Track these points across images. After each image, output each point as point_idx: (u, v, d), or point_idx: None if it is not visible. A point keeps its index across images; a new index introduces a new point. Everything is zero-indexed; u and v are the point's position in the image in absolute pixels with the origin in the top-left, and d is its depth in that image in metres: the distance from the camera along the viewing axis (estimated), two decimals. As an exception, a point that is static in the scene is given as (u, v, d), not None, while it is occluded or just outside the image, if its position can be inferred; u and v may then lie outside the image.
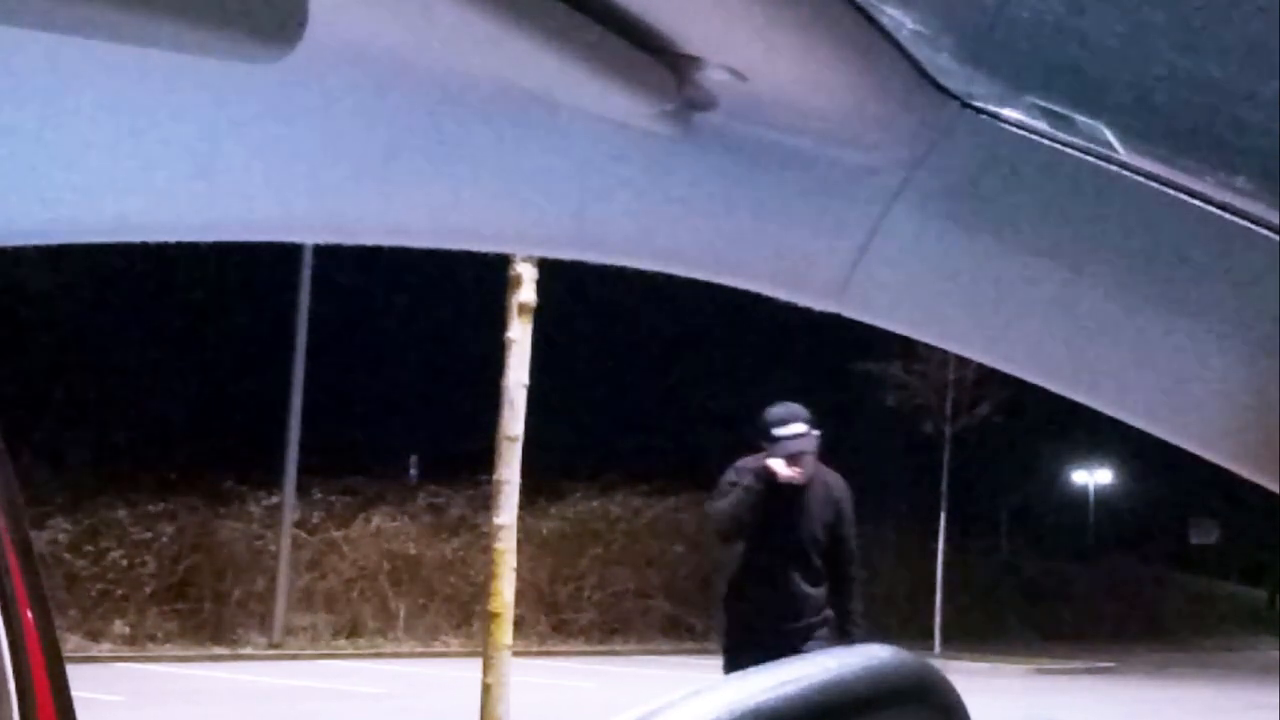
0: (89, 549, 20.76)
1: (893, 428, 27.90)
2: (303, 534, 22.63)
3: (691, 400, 39.86)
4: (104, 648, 19.56)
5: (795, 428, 6.74)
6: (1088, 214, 0.90)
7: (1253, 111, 0.77)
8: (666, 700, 0.68)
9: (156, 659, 19.53)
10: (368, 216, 1.06)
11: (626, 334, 38.25)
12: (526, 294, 7.72)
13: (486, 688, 7.62)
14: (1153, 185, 0.87)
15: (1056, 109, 0.86)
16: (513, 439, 7.74)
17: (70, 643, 17.83)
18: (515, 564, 7.73)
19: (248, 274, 26.40)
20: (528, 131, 0.95)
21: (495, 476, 7.81)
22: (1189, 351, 0.89)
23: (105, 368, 29.56)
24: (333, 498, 23.62)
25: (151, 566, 21.17)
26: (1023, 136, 0.89)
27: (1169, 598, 40.94)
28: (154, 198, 1.07)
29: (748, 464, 6.93)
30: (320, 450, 23.04)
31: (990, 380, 25.22)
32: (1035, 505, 46.04)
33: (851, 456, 7.21)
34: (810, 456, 6.86)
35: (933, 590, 26.30)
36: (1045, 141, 0.88)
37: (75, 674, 1.78)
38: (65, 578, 19.86)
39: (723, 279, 1.02)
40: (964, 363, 24.12)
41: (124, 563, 20.94)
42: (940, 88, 0.88)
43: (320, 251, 17.53)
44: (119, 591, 20.71)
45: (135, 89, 0.94)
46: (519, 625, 11.27)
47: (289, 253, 20.54)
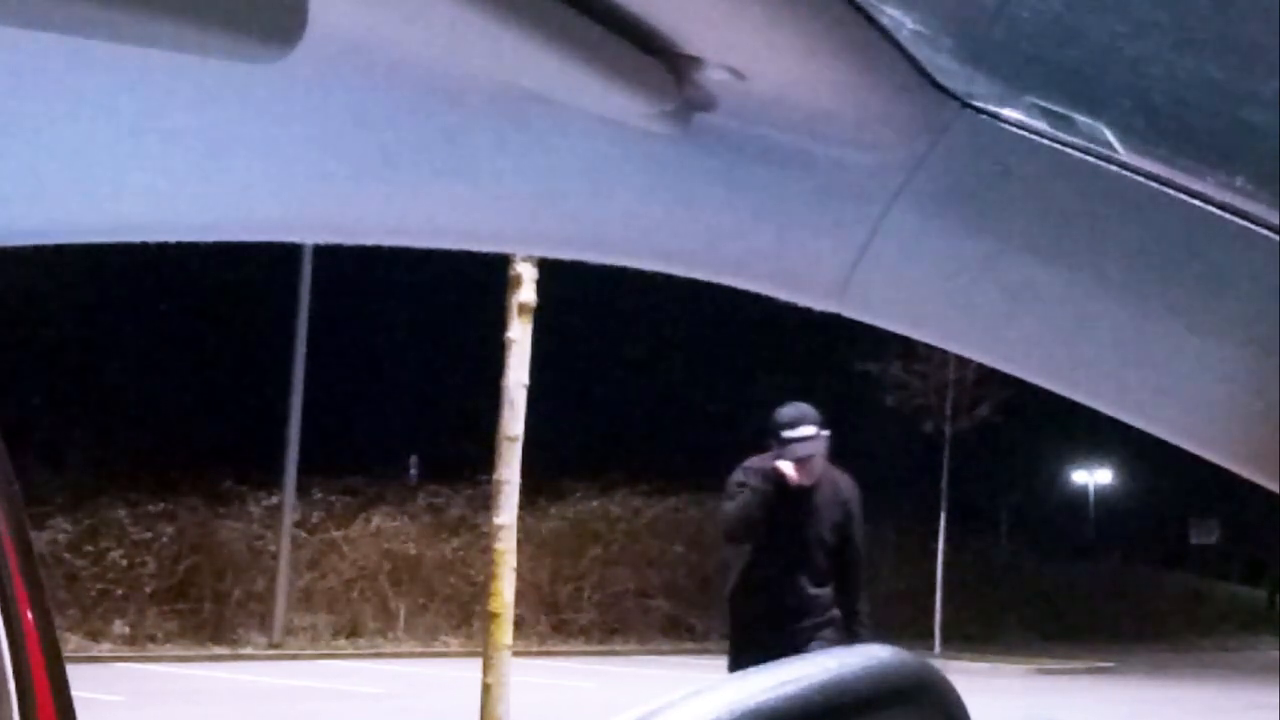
0: (89, 549, 20.76)
1: (893, 428, 27.89)
2: (303, 534, 22.63)
3: (691, 400, 39.88)
4: (104, 648, 19.56)
5: (805, 429, 6.69)
6: (1088, 214, 0.90)
7: (1253, 111, 0.77)
8: (666, 700, 0.68)
9: (156, 659, 19.53)
10: (368, 216, 1.06)
11: (626, 334, 38.26)
12: (526, 294, 7.72)
13: (486, 688, 7.62)
14: (1153, 185, 0.87)
15: (1056, 109, 0.86)
16: (513, 439, 7.74)
17: (70, 643, 17.83)
18: (515, 564, 7.73)
19: (248, 274, 26.39)
20: (528, 131, 0.95)
21: (495, 476, 7.81)
22: (1189, 351, 0.89)
23: (105, 368, 29.59)
24: (333, 498, 23.62)
25: (151, 566, 21.17)
26: (1023, 136, 0.89)
27: (1169, 598, 40.91)
28: (154, 198, 1.07)
29: (755, 464, 6.88)
30: (320, 450, 23.05)
31: (990, 380, 25.21)
32: (1035, 505, 46.04)
33: (851, 456, 7.18)
34: (819, 458, 6.80)
35: (933, 590, 26.29)
36: (1045, 141, 0.88)
37: (75, 674, 1.78)
38: (65, 578, 19.85)
39: (723, 279, 1.02)
40: (964, 363, 24.11)
41: (124, 563, 20.94)
42: (940, 88, 0.88)
43: (320, 251, 17.53)
44: (119, 591, 20.71)
45: (135, 89, 0.94)
46: (519, 625, 11.27)
47: (289, 253, 20.56)
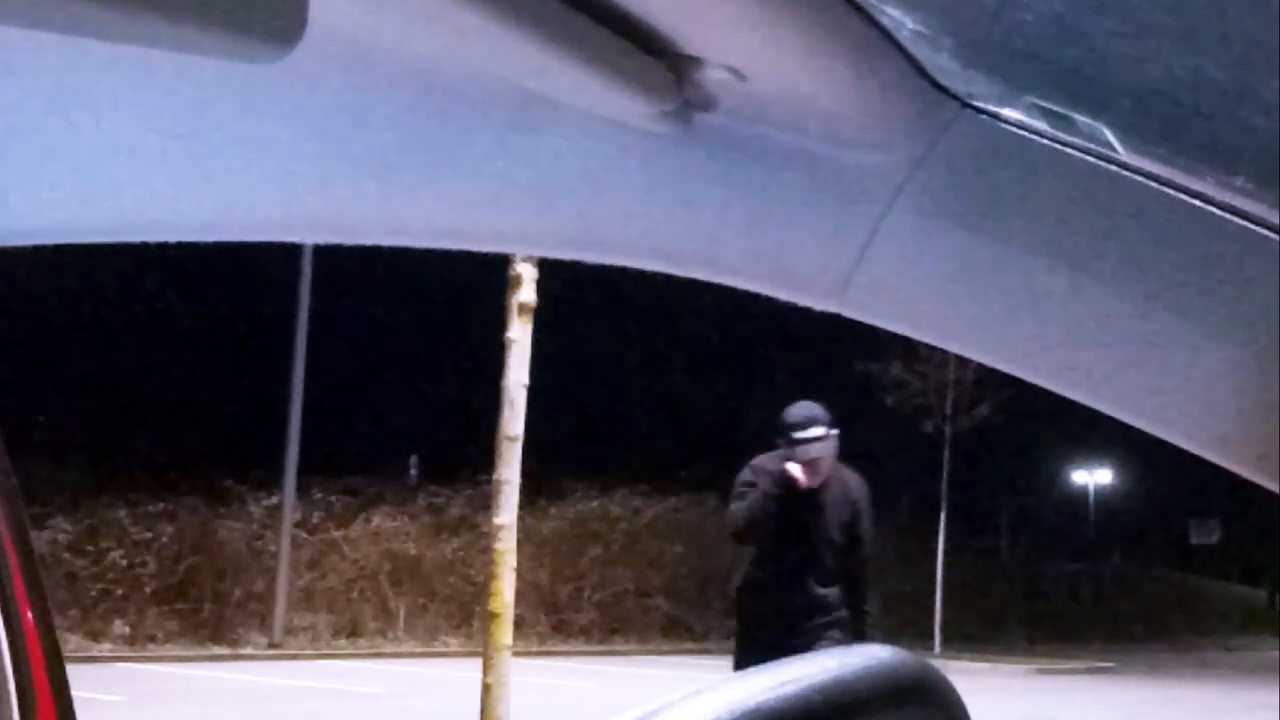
0: (89, 549, 20.77)
1: (893, 428, 27.90)
2: (303, 534, 22.64)
3: (691, 400, 39.88)
4: (104, 648, 19.56)
5: (815, 430, 6.62)
6: (1088, 214, 0.90)
7: (1253, 111, 0.77)
8: (666, 700, 0.68)
9: (156, 659, 19.53)
10: (368, 216, 1.06)
11: (626, 334, 38.26)
12: (526, 294, 7.72)
13: (486, 688, 7.62)
14: (1153, 185, 0.87)
15: (1056, 109, 0.86)
16: (513, 439, 7.74)
17: (70, 643, 17.83)
18: (515, 564, 7.73)
19: (248, 274, 26.39)
20: (528, 131, 0.95)
21: (495, 476, 7.81)
22: (1189, 351, 0.89)
23: (105, 368, 29.58)
24: (333, 498, 23.63)
25: (151, 566, 21.18)
26: (1023, 136, 0.89)
27: (1169, 598, 40.93)
28: (154, 198, 1.07)
29: (763, 463, 6.82)
30: (320, 450, 23.06)
31: (990, 380, 25.23)
32: (1035, 505, 46.03)
33: (851, 456, 7.14)
34: (829, 457, 6.73)
35: (933, 590, 26.31)
36: (1045, 141, 0.88)
37: (75, 674, 1.78)
38: (65, 578, 19.86)
39: (723, 279, 1.02)
40: (964, 363, 24.12)
41: (124, 563, 20.94)
42: (940, 88, 0.88)
43: (320, 251, 17.52)
44: (119, 591, 20.71)
45: (135, 89, 0.94)
46: (519, 625, 11.27)
47: (289, 253, 20.55)
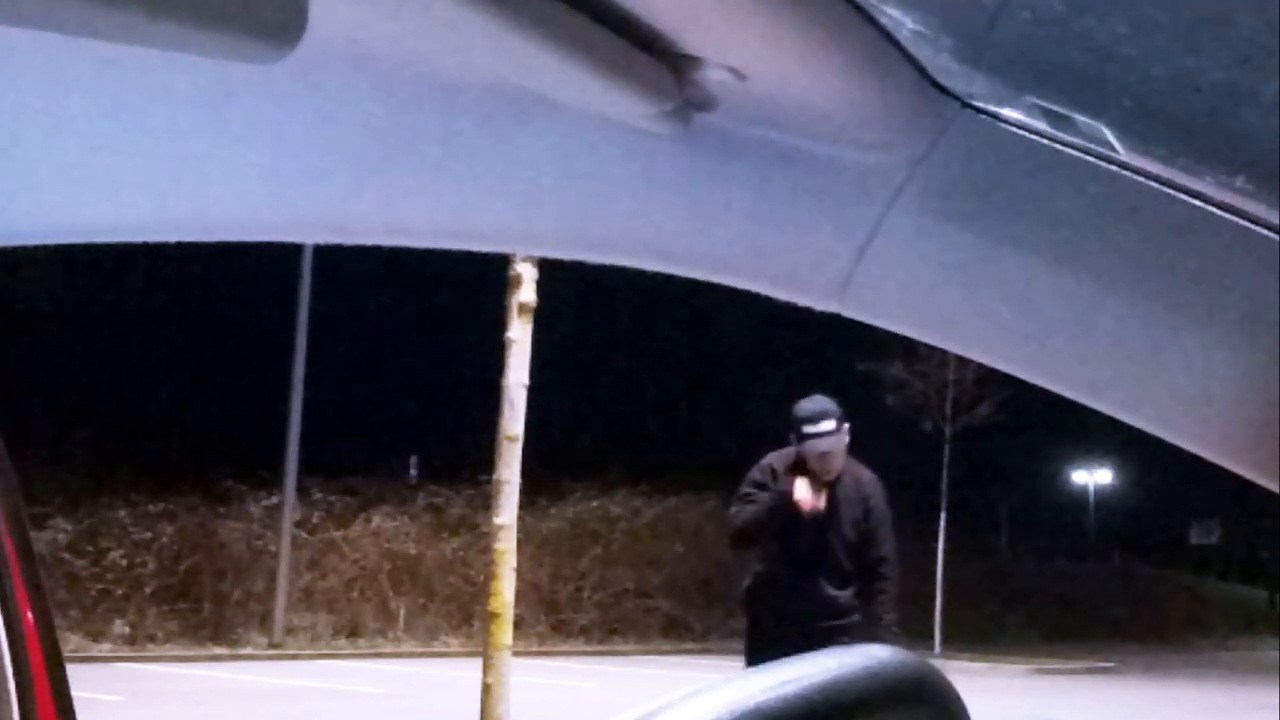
0: (89, 549, 20.76)
1: (893, 428, 27.90)
2: (303, 534, 22.63)
3: (692, 400, 39.89)
4: (104, 648, 19.55)
5: (826, 424, 6.45)
6: (1088, 214, 0.90)
7: (1253, 111, 0.77)
8: (666, 700, 0.68)
9: (156, 659, 19.52)
10: (368, 216, 1.06)
11: (627, 334, 38.27)
12: (526, 294, 7.72)
13: (486, 688, 7.61)
14: (1153, 185, 0.87)
15: (1056, 109, 0.86)
16: (513, 439, 7.73)
17: (70, 643, 17.82)
18: (515, 564, 7.72)
19: (248, 274, 26.40)
20: (528, 131, 0.95)
21: (495, 476, 7.80)
22: (1189, 351, 0.89)
23: (105, 368, 29.58)
24: (333, 498, 23.62)
25: (151, 566, 21.17)
26: (1023, 136, 0.89)
27: (1169, 598, 40.93)
28: (154, 198, 1.07)
29: (772, 462, 6.68)
30: (320, 450, 23.06)
31: (990, 380, 25.22)
32: (1035, 505, 46.05)
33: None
34: (840, 452, 6.57)
35: (933, 590, 26.29)
36: (1045, 141, 0.88)
37: (75, 674, 1.78)
38: (65, 578, 19.85)
39: (723, 279, 1.02)
40: (964, 363, 24.12)
41: (124, 563, 20.93)
42: (940, 88, 0.88)
43: (320, 251, 17.52)
44: (119, 591, 20.70)
45: (135, 89, 0.94)
46: (519, 625, 11.26)
47: (289, 253, 20.55)
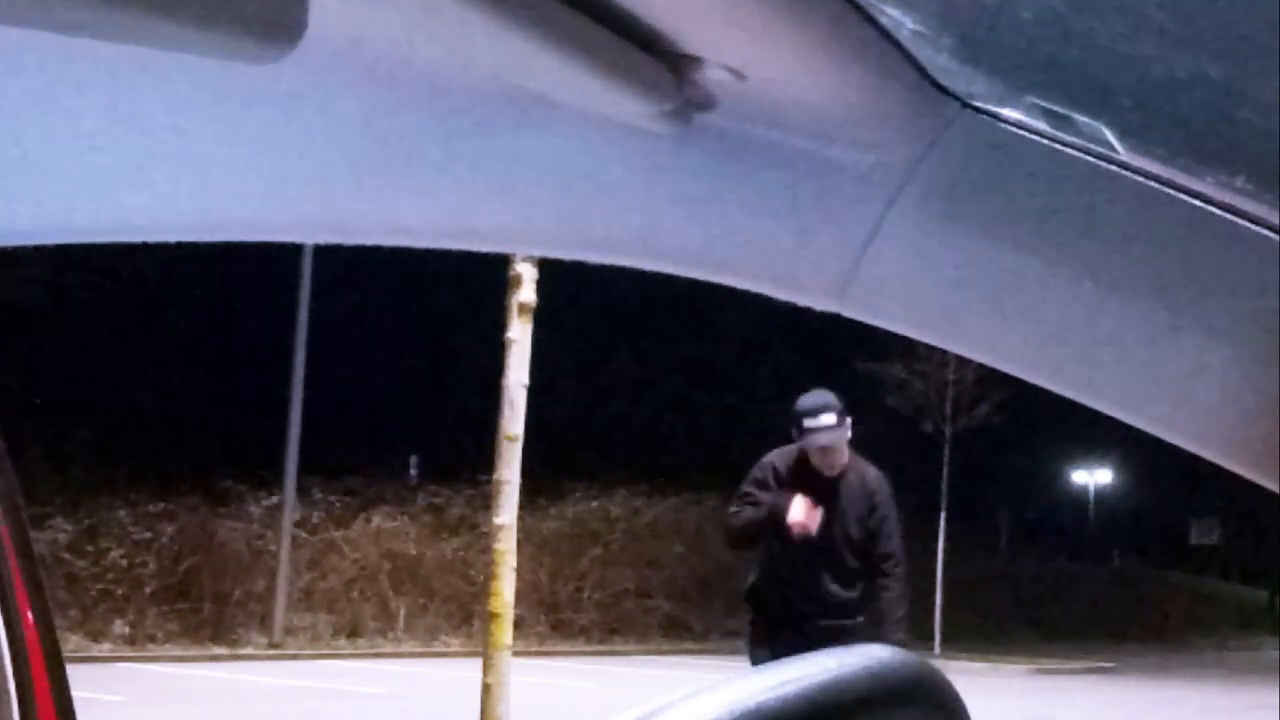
0: (89, 549, 20.76)
1: (893, 428, 27.91)
2: (303, 534, 22.63)
3: (692, 400, 39.89)
4: (104, 648, 19.56)
5: (826, 418, 6.37)
6: (1088, 214, 0.90)
7: (1253, 111, 0.77)
8: (666, 700, 0.68)
9: (156, 659, 19.52)
10: (368, 216, 1.06)
11: (627, 334, 38.27)
12: (526, 294, 7.72)
13: (486, 688, 7.61)
14: (1153, 185, 0.87)
15: (1056, 109, 0.86)
16: (513, 439, 7.74)
17: (70, 643, 17.82)
18: (515, 564, 7.72)
19: (248, 274, 26.40)
20: (528, 131, 0.95)
21: (495, 476, 7.81)
22: (1189, 352, 0.89)
23: (105, 368, 29.58)
24: (333, 498, 23.62)
25: (151, 566, 21.17)
26: (1023, 136, 0.89)
27: (1169, 598, 40.94)
28: (154, 198, 1.07)
29: (774, 460, 6.61)
30: (320, 450, 23.06)
31: (990, 380, 25.23)
32: (1035, 505, 46.05)
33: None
34: (843, 447, 6.50)
35: (933, 590, 26.29)
36: (1045, 141, 0.88)
37: (75, 674, 1.78)
38: (65, 578, 19.84)
39: (723, 279, 1.02)
40: (964, 363, 24.13)
41: (124, 563, 20.93)
42: (940, 88, 0.88)
43: (320, 251, 17.52)
44: (119, 591, 20.70)
45: (135, 89, 0.94)
46: (519, 625, 11.26)
47: (289, 253, 20.56)
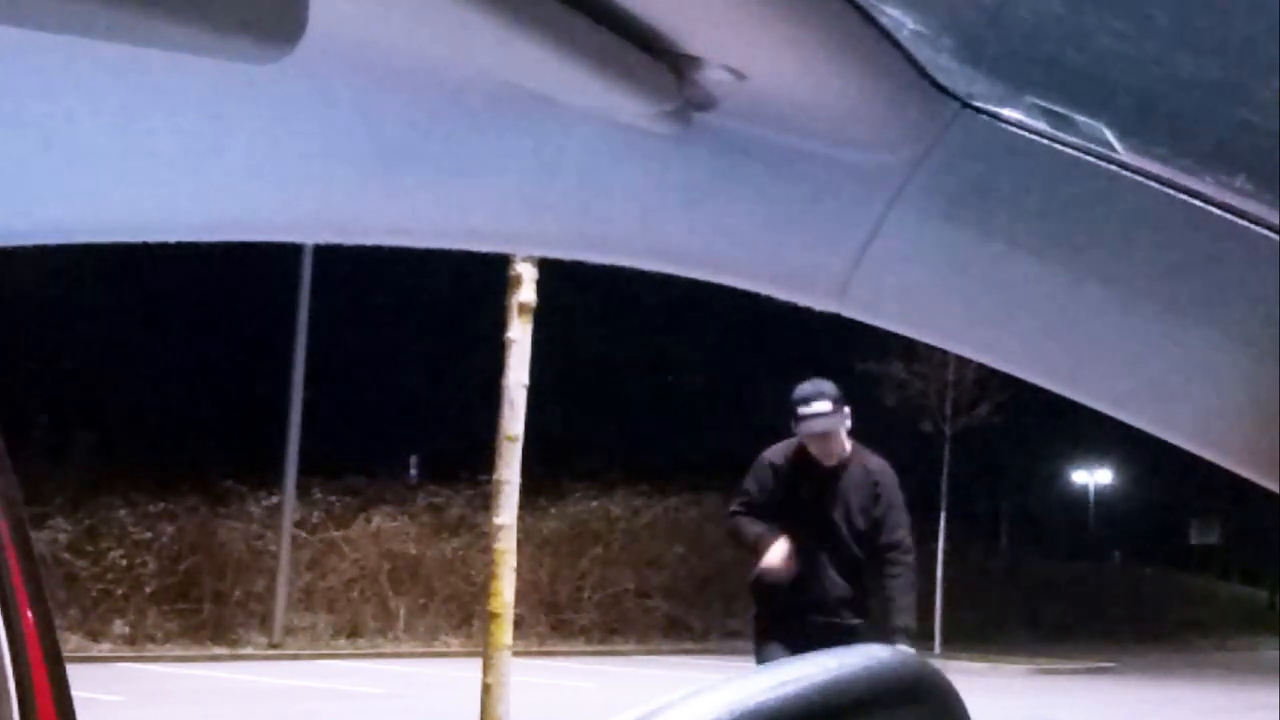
0: (89, 549, 20.76)
1: (893, 428, 27.90)
2: (303, 534, 22.63)
3: (691, 400, 39.89)
4: (104, 648, 19.55)
5: (820, 405, 6.32)
6: (1088, 214, 0.90)
7: (1253, 111, 0.77)
8: (666, 700, 0.68)
9: (156, 659, 19.52)
10: (368, 216, 1.05)
11: (626, 333, 38.27)
12: (526, 294, 7.72)
13: (486, 688, 7.61)
14: (1153, 185, 0.87)
15: (1056, 109, 0.86)
16: (513, 439, 7.73)
17: (70, 643, 17.82)
18: (515, 564, 7.72)
19: (248, 274, 26.40)
20: (528, 131, 0.95)
21: (495, 476, 7.80)
22: (1189, 351, 0.89)
23: (106, 368, 29.59)
24: (333, 498, 23.62)
25: (151, 566, 21.17)
26: (1023, 136, 0.89)
27: (1169, 598, 40.96)
28: (154, 198, 1.07)
29: (772, 457, 6.58)
30: (320, 450, 23.05)
31: (990, 380, 25.25)
32: (1035, 505, 46.07)
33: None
34: (841, 436, 6.44)
35: (933, 590, 26.28)
36: (1045, 141, 0.88)
37: (75, 674, 1.77)
38: (65, 578, 19.85)
39: (723, 279, 1.02)
40: (964, 363, 24.14)
41: (124, 563, 20.94)
42: (940, 88, 0.88)
43: (320, 251, 17.52)
44: (119, 591, 20.70)
45: (135, 89, 0.94)
46: (519, 625, 11.26)
47: (289, 253, 20.55)
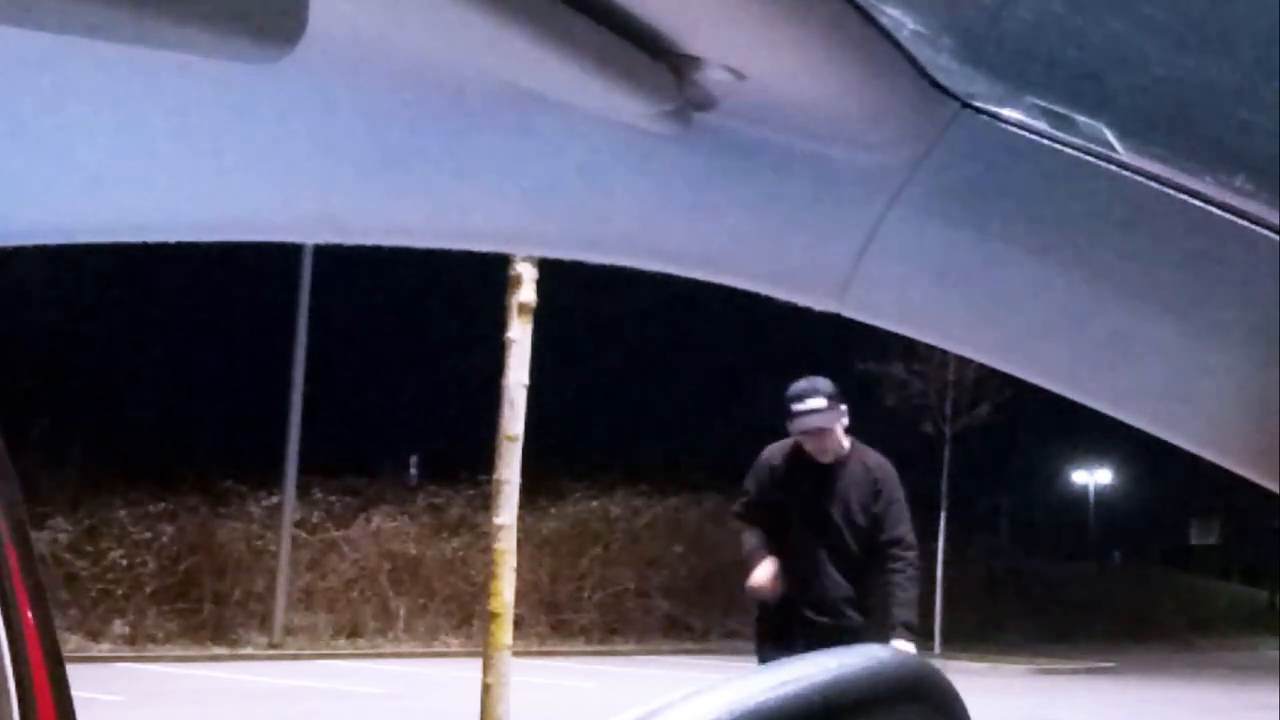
0: (89, 549, 20.76)
1: (893, 428, 27.90)
2: (303, 534, 22.63)
3: (692, 400, 39.90)
4: (104, 648, 19.55)
5: (814, 401, 6.26)
6: (1088, 214, 0.90)
7: (1253, 111, 0.77)
8: (666, 700, 0.68)
9: (156, 659, 19.52)
10: (368, 216, 1.06)
11: (627, 334, 38.29)
12: (526, 294, 7.71)
13: (486, 688, 7.61)
14: (1153, 185, 0.87)
15: (1056, 109, 0.86)
16: (513, 439, 7.73)
17: (70, 643, 17.82)
18: (515, 564, 7.72)
19: (248, 274, 26.40)
20: (528, 131, 0.95)
21: (495, 476, 7.80)
22: (1189, 351, 0.89)
23: (106, 368, 29.59)
24: (333, 498, 23.62)
25: (151, 566, 21.17)
26: (1023, 136, 0.89)
27: (1169, 598, 40.96)
28: (154, 198, 1.07)
29: (770, 457, 6.55)
30: (320, 450, 23.06)
31: (990, 380, 25.25)
32: (1035, 505, 46.08)
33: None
34: (837, 432, 6.39)
35: (933, 590, 26.29)
36: (1045, 141, 0.88)
37: (75, 674, 1.77)
38: (65, 578, 19.85)
39: (723, 279, 1.02)
40: (964, 363, 24.15)
41: (124, 563, 20.93)
42: (940, 88, 0.88)
43: (320, 251, 17.52)
44: (119, 591, 20.70)
45: (135, 89, 0.94)
46: (519, 625, 11.26)
47: (289, 253, 20.55)
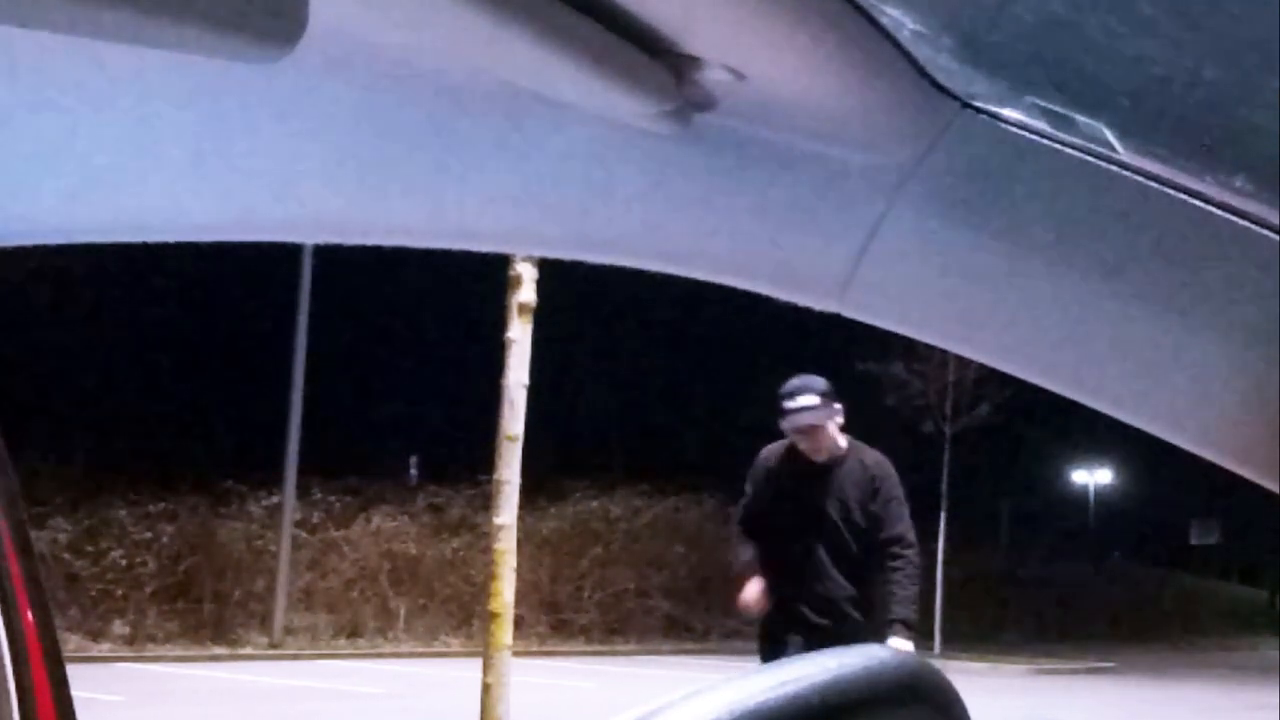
0: (89, 549, 20.76)
1: (893, 428, 27.90)
2: (303, 534, 22.62)
3: (691, 400, 39.91)
4: (104, 648, 19.55)
5: (805, 399, 6.23)
6: (1088, 214, 0.90)
7: (1253, 111, 0.77)
8: (666, 700, 0.68)
9: (156, 659, 19.52)
10: (368, 216, 1.06)
11: (626, 334, 38.29)
12: (526, 294, 7.72)
13: (486, 688, 7.61)
14: (1153, 185, 0.87)
15: (1056, 109, 0.86)
16: (513, 439, 7.74)
17: (70, 643, 17.82)
18: (515, 564, 7.72)
19: (248, 275, 26.40)
20: (528, 131, 0.95)
21: (495, 476, 7.81)
22: (1189, 351, 0.89)
23: (106, 368, 29.59)
24: (333, 498, 23.61)
25: (151, 566, 21.17)
26: (1023, 136, 0.89)
27: (1169, 598, 40.95)
28: (154, 198, 1.07)
29: (767, 458, 6.54)
30: (320, 450, 23.05)
31: (990, 380, 25.24)
32: (1035, 505, 46.04)
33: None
34: (830, 430, 6.35)
35: (933, 590, 26.29)
36: (1045, 141, 0.88)
37: (75, 674, 1.77)
38: (65, 578, 19.84)
39: (723, 279, 1.02)
40: (964, 363, 24.14)
41: (124, 563, 20.93)
42: (940, 88, 0.88)
43: (320, 251, 17.52)
44: (119, 591, 20.70)
45: (135, 89, 0.94)
46: (519, 625, 11.26)
47: (289, 253, 20.55)
